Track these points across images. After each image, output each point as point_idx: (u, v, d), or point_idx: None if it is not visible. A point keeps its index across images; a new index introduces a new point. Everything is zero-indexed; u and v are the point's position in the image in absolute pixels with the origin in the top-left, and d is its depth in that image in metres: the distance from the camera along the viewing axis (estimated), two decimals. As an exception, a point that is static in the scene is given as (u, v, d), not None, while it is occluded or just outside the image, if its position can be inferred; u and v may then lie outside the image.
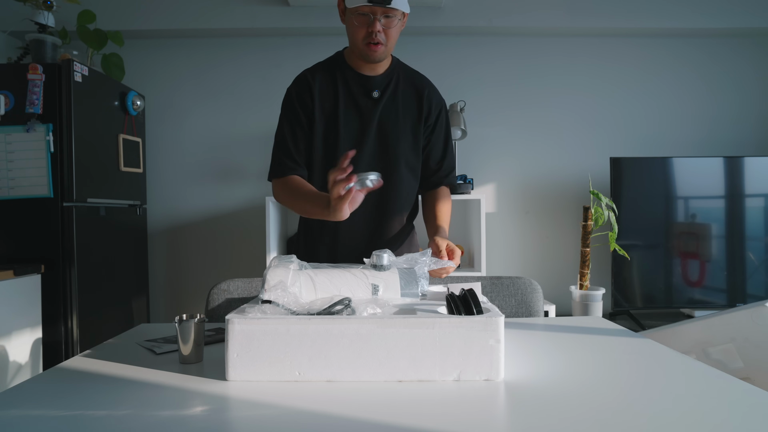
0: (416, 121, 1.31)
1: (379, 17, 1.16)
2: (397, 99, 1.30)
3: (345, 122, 1.27)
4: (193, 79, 2.83)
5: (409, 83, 1.32)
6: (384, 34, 1.18)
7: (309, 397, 0.66)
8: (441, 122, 1.35)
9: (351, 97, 1.28)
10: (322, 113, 1.28)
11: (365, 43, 1.19)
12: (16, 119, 2.05)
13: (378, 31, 1.17)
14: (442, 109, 1.35)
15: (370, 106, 1.28)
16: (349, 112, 1.28)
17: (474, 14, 2.69)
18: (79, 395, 0.68)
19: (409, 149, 1.31)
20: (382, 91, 1.29)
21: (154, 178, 2.81)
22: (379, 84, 1.29)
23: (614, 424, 0.58)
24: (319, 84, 1.28)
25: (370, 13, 1.16)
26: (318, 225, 1.32)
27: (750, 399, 0.65)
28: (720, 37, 2.85)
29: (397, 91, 1.30)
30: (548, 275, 2.84)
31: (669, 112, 2.87)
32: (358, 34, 1.19)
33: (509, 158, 2.86)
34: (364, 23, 1.18)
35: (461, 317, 0.73)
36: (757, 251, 2.61)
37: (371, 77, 1.28)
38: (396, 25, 1.19)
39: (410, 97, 1.31)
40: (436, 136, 1.34)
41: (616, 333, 1.01)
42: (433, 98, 1.33)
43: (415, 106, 1.31)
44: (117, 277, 2.44)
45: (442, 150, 1.36)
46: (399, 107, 1.30)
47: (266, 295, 0.77)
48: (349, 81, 1.28)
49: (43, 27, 2.21)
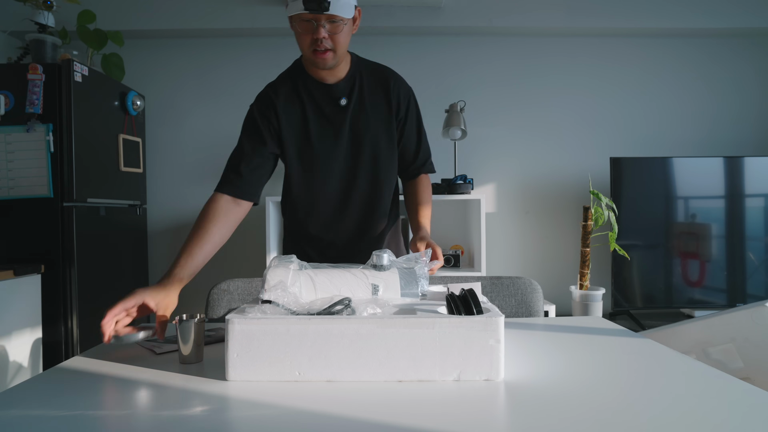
0: (388, 118, 1.28)
1: (323, 23, 1.10)
2: (364, 101, 1.26)
3: (317, 134, 1.24)
4: (193, 79, 2.83)
5: (373, 81, 1.28)
6: (331, 40, 1.12)
7: (309, 397, 0.66)
8: (411, 112, 1.32)
9: (318, 109, 1.25)
10: (291, 129, 1.24)
11: (312, 51, 1.14)
12: (16, 119, 2.05)
13: (323, 37, 1.11)
14: (411, 98, 1.32)
15: (340, 115, 1.25)
16: (319, 123, 1.25)
17: (474, 14, 2.69)
18: (79, 395, 0.68)
19: (385, 149, 1.29)
20: (348, 96, 1.25)
21: (154, 178, 2.81)
22: (344, 90, 1.25)
23: (614, 424, 0.58)
24: (284, 100, 1.24)
25: (313, 19, 1.10)
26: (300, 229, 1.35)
27: (750, 399, 0.65)
28: (720, 37, 2.85)
29: (363, 93, 1.27)
30: (548, 275, 2.84)
31: (669, 112, 2.87)
32: (304, 41, 1.14)
33: (509, 158, 2.86)
34: (308, 30, 1.12)
35: (461, 317, 0.72)
36: (757, 251, 2.61)
37: (334, 85, 1.23)
38: (343, 30, 1.13)
39: (377, 95, 1.28)
40: (409, 127, 1.32)
41: (616, 333, 1.01)
42: (401, 90, 1.29)
43: (383, 104, 1.28)
44: (117, 277, 2.44)
45: (416, 139, 1.34)
46: (368, 109, 1.27)
47: (266, 295, 0.77)
48: (313, 92, 1.24)
49: (43, 27, 2.21)
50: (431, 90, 2.79)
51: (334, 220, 1.31)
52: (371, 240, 1.34)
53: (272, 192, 2.82)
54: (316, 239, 1.34)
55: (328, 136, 1.25)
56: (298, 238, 1.38)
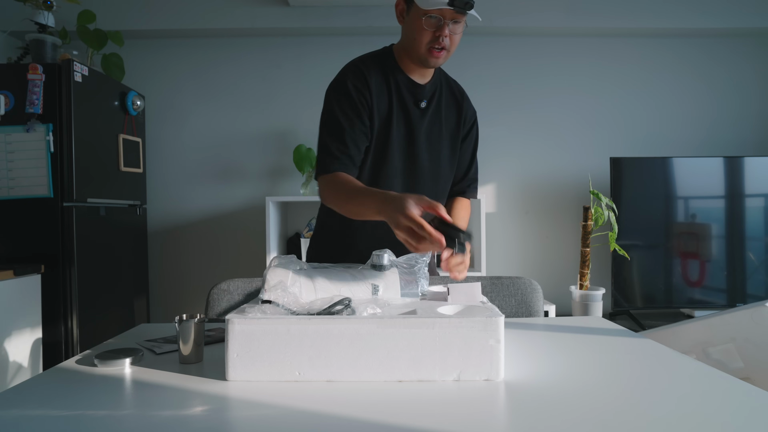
0: (455, 133, 1.30)
1: (448, 21, 1.11)
2: (440, 110, 1.28)
3: (396, 129, 1.22)
4: (193, 79, 2.83)
5: (450, 93, 1.31)
6: (449, 40, 1.15)
7: (309, 397, 0.66)
8: (473, 134, 1.34)
9: (402, 104, 1.23)
10: (378, 114, 1.20)
11: (428, 48, 1.14)
12: (16, 119, 2.05)
13: (445, 35, 1.13)
14: (475, 121, 1.35)
15: (417, 116, 1.25)
16: (400, 118, 1.23)
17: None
18: (79, 395, 0.68)
19: (446, 160, 1.29)
20: (428, 101, 1.26)
21: (154, 178, 2.81)
22: (427, 94, 1.25)
23: (614, 424, 0.58)
24: (375, 82, 1.20)
25: (441, 15, 1.10)
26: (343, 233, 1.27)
27: (750, 399, 0.65)
28: (720, 37, 2.85)
29: (441, 102, 1.28)
30: (548, 275, 2.84)
31: (669, 112, 2.87)
32: (424, 37, 1.13)
33: (509, 158, 2.86)
34: (432, 26, 1.12)
35: (461, 318, 0.72)
36: (757, 251, 2.61)
37: (421, 85, 1.24)
38: (461, 31, 1.16)
39: (451, 109, 1.30)
40: (466, 147, 1.33)
41: (616, 333, 1.01)
42: (469, 110, 1.33)
43: (454, 118, 1.30)
44: (117, 277, 2.44)
45: (469, 161, 1.35)
46: (442, 119, 1.28)
47: (266, 295, 0.77)
48: (401, 86, 1.23)
49: (43, 27, 2.21)
50: (431, 90, 2.79)
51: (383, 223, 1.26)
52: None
53: (272, 192, 2.82)
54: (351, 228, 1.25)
55: (405, 133, 1.24)
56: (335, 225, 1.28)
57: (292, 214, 2.83)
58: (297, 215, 2.83)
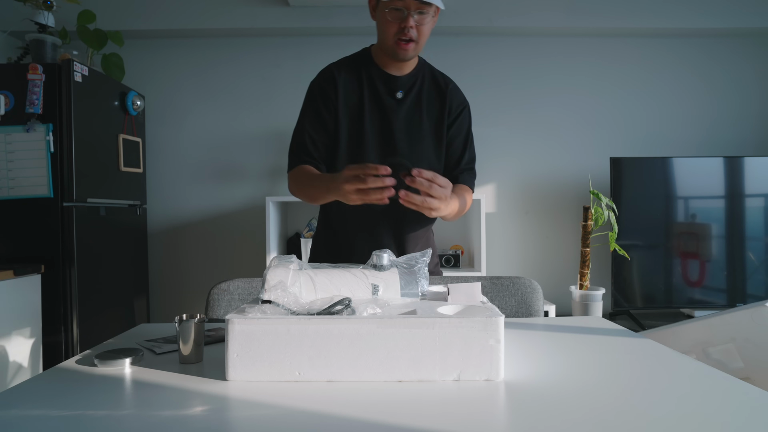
0: (438, 122, 1.29)
1: (412, 13, 1.13)
2: (421, 100, 1.28)
3: (370, 121, 1.25)
4: (193, 79, 2.83)
5: (433, 84, 1.31)
6: (416, 31, 1.16)
7: (309, 397, 0.66)
8: (461, 123, 1.32)
9: (375, 96, 1.26)
10: (347, 110, 1.24)
11: (396, 40, 1.17)
12: (16, 119, 2.05)
13: (411, 26, 1.14)
14: (465, 109, 1.34)
15: (394, 107, 1.26)
16: (374, 111, 1.25)
17: (474, 14, 2.69)
18: (79, 395, 0.68)
19: (431, 151, 1.29)
20: (406, 91, 1.27)
21: (154, 178, 2.81)
22: (404, 84, 1.27)
23: (615, 424, 0.58)
24: (344, 79, 1.25)
25: (404, 7, 1.13)
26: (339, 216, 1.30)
27: (750, 399, 0.65)
28: (719, 37, 2.85)
29: (422, 93, 1.28)
30: (548, 275, 2.84)
31: (669, 112, 2.87)
32: (390, 29, 1.17)
33: (509, 158, 2.86)
34: (396, 18, 1.15)
35: (461, 318, 0.72)
36: (757, 251, 2.61)
37: (397, 77, 1.26)
38: (429, 21, 1.17)
39: (433, 98, 1.30)
40: (454, 135, 1.32)
41: (616, 333, 1.01)
42: (456, 97, 1.32)
43: (437, 106, 1.29)
44: (117, 277, 2.44)
45: (461, 150, 1.33)
46: (423, 109, 1.28)
47: (266, 295, 0.77)
48: (374, 79, 1.26)
49: (43, 27, 2.21)
50: (431, 90, 2.79)
51: (372, 211, 1.28)
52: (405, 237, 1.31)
53: (272, 192, 2.82)
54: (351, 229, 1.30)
55: (380, 125, 1.25)
56: (335, 227, 1.33)
57: (292, 214, 2.83)
58: (297, 215, 2.83)
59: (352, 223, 1.29)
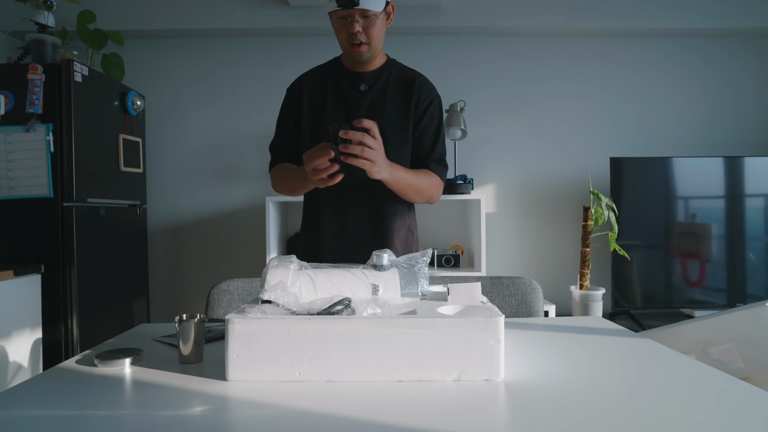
0: (405, 112, 1.31)
1: (356, 18, 1.19)
2: (386, 92, 1.31)
3: (331, 115, 1.30)
4: (193, 79, 2.83)
5: (401, 78, 1.34)
6: (365, 34, 1.22)
7: (309, 397, 0.66)
8: (431, 114, 1.33)
9: (339, 91, 1.32)
10: (310, 109, 1.32)
11: (348, 44, 1.24)
12: (16, 119, 2.05)
13: (357, 32, 1.20)
14: (433, 101, 1.34)
15: (358, 99, 1.30)
16: (337, 105, 1.31)
17: (474, 14, 2.69)
18: (79, 395, 0.68)
19: (396, 141, 1.29)
20: (370, 85, 1.31)
21: (154, 178, 2.81)
22: (369, 79, 1.32)
23: (615, 424, 0.58)
24: (310, 83, 1.34)
25: (347, 15, 1.19)
26: (317, 220, 1.34)
27: (750, 399, 0.65)
28: (717, 37, 2.86)
29: (387, 86, 1.32)
30: (548, 275, 2.84)
31: (669, 112, 2.87)
32: (341, 36, 1.24)
33: (509, 158, 2.86)
34: (343, 26, 1.22)
35: (461, 318, 0.73)
36: (757, 251, 2.61)
37: (361, 72, 1.32)
38: (376, 24, 1.22)
39: (400, 90, 1.32)
40: (424, 126, 1.33)
41: (616, 333, 1.01)
42: (424, 90, 1.33)
43: (404, 98, 1.32)
44: (117, 277, 2.44)
45: (432, 142, 1.34)
46: (387, 100, 1.30)
47: (266, 295, 0.77)
48: (339, 77, 1.33)
49: (43, 27, 2.21)
50: (431, 90, 2.79)
51: (343, 205, 1.31)
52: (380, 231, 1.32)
53: (272, 192, 2.82)
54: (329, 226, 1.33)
55: (342, 114, 1.30)
56: (314, 226, 1.36)
57: (292, 214, 2.83)
58: (297, 215, 2.83)
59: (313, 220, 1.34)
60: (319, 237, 1.34)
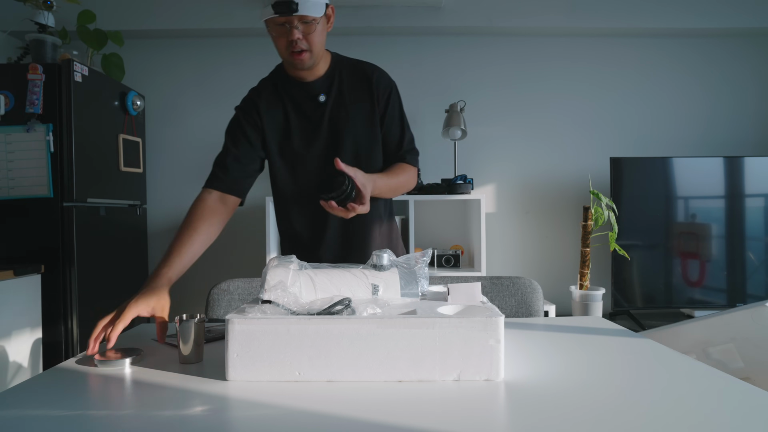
0: (370, 112, 1.28)
1: (295, 25, 1.13)
2: (344, 96, 1.27)
3: (297, 131, 1.26)
4: (193, 79, 2.83)
5: (354, 76, 1.29)
6: (306, 41, 1.15)
7: (309, 397, 0.66)
8: (393, 102, 1.30)
9: (298, 107, 1.27)
10: (273, 128, 1.27)
11: (289, 52, 1.17)
12: (16, 119, 2.05)
13: (297, 38, 1.14)
14: (392, 89, 1.31)
15: (319, 111, 1.26)
16: (299, 121, 1.27)
17: (474, 14, 2.69)
18: (79, 395, 0.68)
19: (366, 143, 1.28)
20: (326, 93, 1.26)
21: (154, 178, 2.81)
22: (322, 86, 1.26)
23: (615, 424, 0.58)
24: (266, 101, 1.28)
25: (286, 22, 1.13)
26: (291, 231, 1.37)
27: (750, 399, 0.65)
28: (717, 37, 2.86)
29: (343, 88, 1.27)
30: (548, 275, 2.84)
31: (669, 112, 2.87)
32: (280, 44, 1.18)
33: (509, 158, 2.86)
34: (282, 33, 1.15)
35: (461, 318, 0.72)
36: (757, 251, 2.61)
37: (312, 83, 1.26)
38: (316, 29, 1.15)
39: (359, 90, 1.28)
40: (390, 118, 1.30)
41: (616, 333, 1.01)
42: (381, 81, 1.29)
43: (365, 97, 1.28)
44: (117, 277, 2.44)
45: (399, 132, 1.32)
46: (348, 103, 1.27)
47: (266, 295, 0.77)
48: (293, 92, 1.27)
49: (43, 27, 2.21)
50: (431, 90, 2.79)
51: (320, 218, 1.30)
52: (359, 239, 1.32)
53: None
54: (306, 239, 1.34)
55: (308, 132, 1.27)
56: (292, 241, 1.39)
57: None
58: (297, 215, 2.83)
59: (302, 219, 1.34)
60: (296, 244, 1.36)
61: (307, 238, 1.34)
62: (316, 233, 1.32)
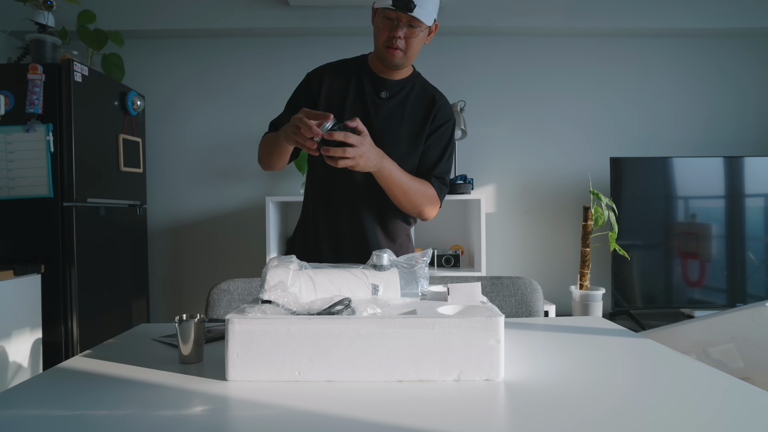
0: (419, 128, 1.30)
1: (402, 24, 1.18)
2: (405, 104, 1.30)
3: (350, 111, 1.28)
4: (193, 79, 2.83)
5: (423, 93, 1.32)
6: (404, 42, 1.20)
7: (309, 397, 0.66)
8: (442, 132, 1.32)
9: (360, 95, 1.29)
10: (328, 105, 1.29)
11: (385, 46, 1.21)
12: (16, 119, 2.05)
13: (399, 36, 1.19)
14: (448, 122, 1.33)
15: (377, 105, 1.29)
16: (356, 108, 1.29)
17: (474, 14, 2.69)
18: (79, 395, 0.68)
19: (405, 153, 1.28)
20: (392, 93, 1.30)
21: (154, 178, 2.81)
22: (392, 87, 1.30)
23: (615, 424, 0.58)
24: (331, 78, 1.31)
25: (395, 18, 1.17)
26: (316, 224, 1.33)
27: (750, 399, 0.65)
28: (717, 37, 2.85)
29: (408, 98, 1.30)
30: (548, 275, 2.84)
31: (669, 112, 2.87)
32: (381, 35, 1.22)
33: (509, 158, 2.86)
34: (387, 26, 1.20)
35: (461, 318, 0.73)
36: (757, 251, 2.61)
37: (385, 79, 1.30)
38: (418, 35, 1.20)
39: (420, 105, 1.31)
40: (434, 141, 1.31)
41: (616, 333, 1.01)
42: (443, 109, 1.32)
43: (422, 113, 1.30)
44: (117, 277, 2.44)
45: (437, 158, 1.32)
46: (405, 112, 1.29)
47: (266, 295, 0.77)
48: (363, 80, 1.30)
49: (43, 27, 2.21)
50: (431, 90, 2.79)
51: (348, 209, 1.30)
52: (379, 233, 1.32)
53: (273, 192, 2.82)
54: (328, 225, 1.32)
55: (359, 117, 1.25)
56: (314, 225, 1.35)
57: (292, 214, 2.83)
58: (297, 215, 2.82)
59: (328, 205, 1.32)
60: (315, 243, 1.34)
61: (326, 249, 1.33)
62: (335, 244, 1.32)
